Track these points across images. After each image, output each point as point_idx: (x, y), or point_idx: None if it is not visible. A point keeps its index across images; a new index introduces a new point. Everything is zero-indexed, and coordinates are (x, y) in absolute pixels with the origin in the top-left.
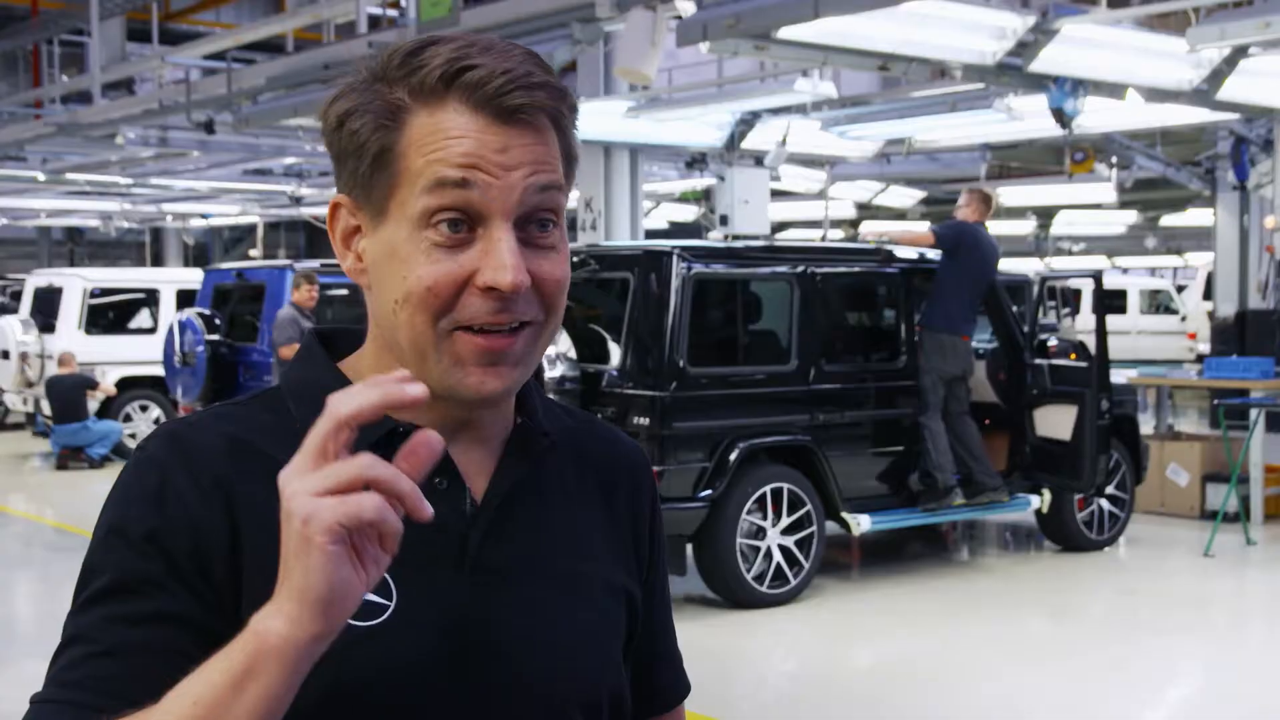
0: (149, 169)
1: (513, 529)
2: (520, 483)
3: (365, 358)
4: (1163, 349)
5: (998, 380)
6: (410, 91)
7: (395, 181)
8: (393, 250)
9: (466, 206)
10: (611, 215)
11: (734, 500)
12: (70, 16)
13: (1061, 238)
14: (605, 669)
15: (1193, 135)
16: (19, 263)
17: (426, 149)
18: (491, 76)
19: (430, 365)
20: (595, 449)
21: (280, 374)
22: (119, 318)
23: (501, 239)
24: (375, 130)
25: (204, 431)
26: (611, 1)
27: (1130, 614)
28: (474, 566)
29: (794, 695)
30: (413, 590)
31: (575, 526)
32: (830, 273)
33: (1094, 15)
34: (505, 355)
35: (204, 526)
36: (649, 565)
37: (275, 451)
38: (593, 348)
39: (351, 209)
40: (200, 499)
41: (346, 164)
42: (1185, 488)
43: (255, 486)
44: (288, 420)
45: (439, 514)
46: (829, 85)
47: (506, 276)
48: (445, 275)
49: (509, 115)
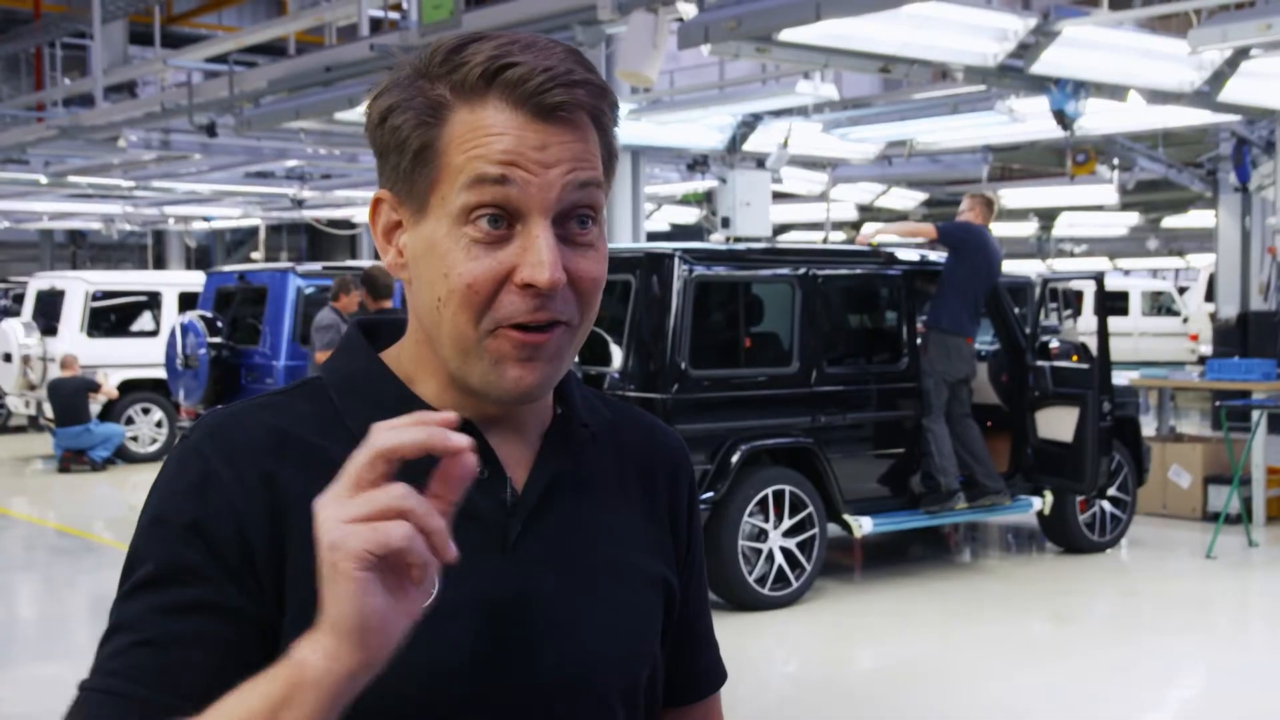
0: (151, 172)
1: (552, 519)
2: (560, 474)
3: (406, 349)
4: (1164, 351)
5: (999, 382)
6: (452, 88)
7: (436, 177)
8: (432, 245)
9: (505, 203)
10: (613, 217)
11: (736, 502)
12: (72, 19)
13: (1063, 239)
14: (644, 657)
15: (1194, 137)
16: (21, 265)
17: (467, 145)
18: (532, 74)
19: (471, 364)
20: (634, 439)
21: (322, 365)
22: (121, 320)
23: (540, 235)
24: (417, 126)
25: (247, 422)
26: (613, 4)
27: (1132, 615)
28: (514, 556)
29: (796, 697)
30: (454, 579)
31: (615, 517)
32: (832, 275)
33: (1095, 17)
34: (541, 350)
35: (247, 517)
36: (687, 554)
37: (319, 441)
38: (594, 350)
39: (393, 204)
40: (243, 490)
41: (389, 159)
42: (1187, 489)
43: (299, 477)
44: (330, 411)
45: (479, 504)
46: (830, 87)
47: (544, 274)
48: (485, 272)
49: (549, 113)
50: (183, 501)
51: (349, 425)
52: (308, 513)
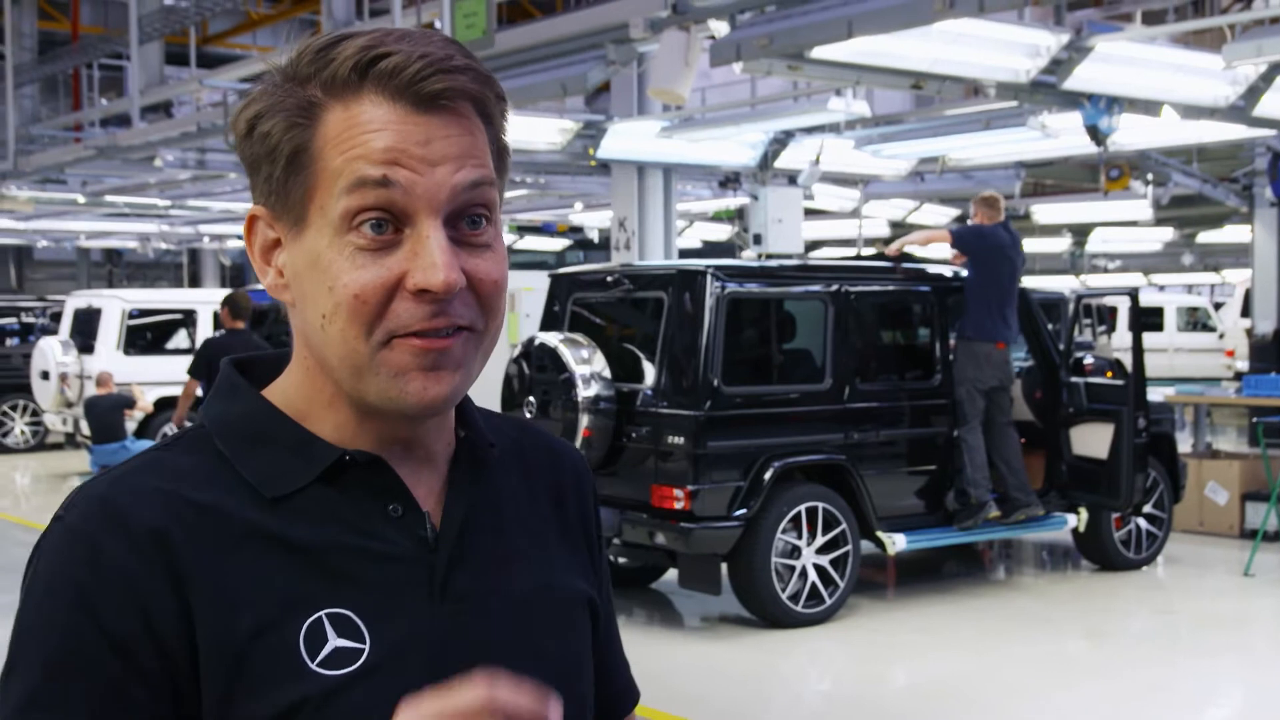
0: (187, 191)
1: (475, 551)
2: (476, 502)
3: (294, 382)
4: (1200, 367)
5: (1034, 398)
6: (323, 86)
7: (312, 184)
8: (315, 259)
9: (390, 205)
10: (645, 235)
11: (769, 519)
12: (109, 41)
13: (1097, 255)
14: (586, 684)
15: (1229, 151)
16: (59, 284)
17: (344, 146)
18: (408, 62)
19: (367, 380)
20: (537, 456)
21: (202, 411)
22: (157, 338)
23: (430, 237)
24: (288, 130)
25: (127, 489)
26: (645, 22)
27: (1169, 634)
28: (444, 596)
29: (829, 716)
30: (386, 629)
31: (534, 539)
32: (864, 291)
33: (1129, 32)
34: (446, 357)
35: (147, 593)
36: (599, 568)
37: (207, 498)
38: (627, 367)
39: (269, 220)
40: (138, 562)
41: (260, 171)
42: (1224, 506)
43: (192, 541)
44: (216, 462)
45: (399, 543)
46: (862, 104)
47: (438, 276)
48: (373, 280)
49: (429, 103)
50: (71, 593)
51: (244, 475)
52: (210, 580)
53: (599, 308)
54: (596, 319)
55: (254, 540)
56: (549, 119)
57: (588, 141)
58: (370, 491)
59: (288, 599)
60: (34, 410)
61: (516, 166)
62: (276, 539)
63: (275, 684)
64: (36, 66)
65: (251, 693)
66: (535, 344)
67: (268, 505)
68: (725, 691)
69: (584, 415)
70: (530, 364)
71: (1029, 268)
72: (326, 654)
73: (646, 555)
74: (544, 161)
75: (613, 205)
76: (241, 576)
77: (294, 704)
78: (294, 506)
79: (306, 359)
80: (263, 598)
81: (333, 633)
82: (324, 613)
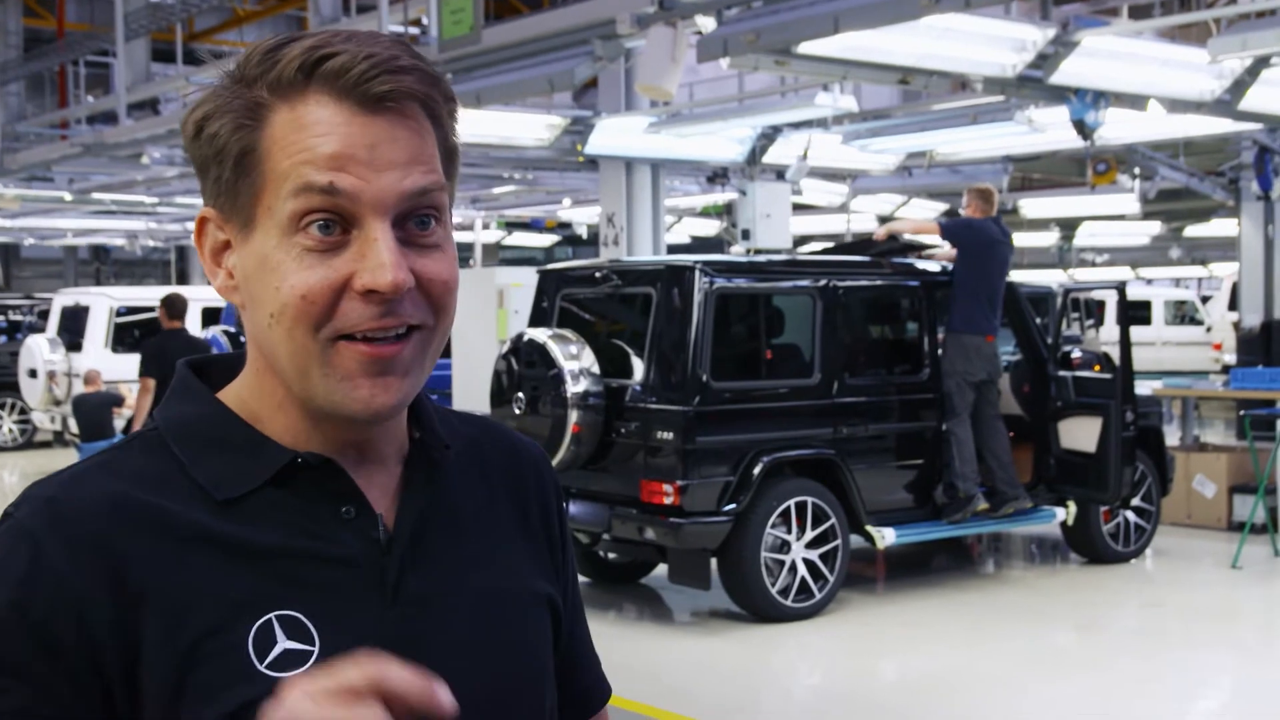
0: (174, 188)
1: (430, 552)
2: (430, 503)
3: (247, 385)
4: (1188, 360)
5: (1022, 392)
6: (269, 87)
7: (260, 185)
8: (263, 260)
9: (336, 209)
10: (633, 230)
11: (758, 514)
12: (96, 38)
13: (1085, 249)
14: (545, 684)
15: (1216, 145)
16: (46, 282)
17: (291, 148)
18: (354, 62)
19: (314, 381)
20: (496, 456)
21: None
22: (145, 336)
23: (378, 238)
24: (235, 131)
25: (78, 490)
26: (632, 18)
27: (1157, 627)
28: (397, 598)
29: (820, 709)
30: (336, 632)
31: (491, 540)
32: (852, 286)
33: (1115, 27)
34: (393, 364)
35: (86, 600)
36: (563, 566)
37: (158, 500)
38: (616, 363)
39: (218, 222)
40: (78, 568)
41: (209, 172)
42: (1212, 499)
43: (141, 544)
44: (169, 464)
45: (351, 546)
46: (850, 99)
47: (386, 276)
48: (320, 281)
49: (376, 104)
50: (6, 590)
51: (196, 478)
52: (157, 584)
53: (588, 304)
54: (585, 315)
55: (204, 543)
56: (537, 115)
57: (576, 137)
58: (322, 494)
59: (237, 601)
60: (22, 408)
61: (505, 162)
62: (227, 542)
63: (224, 686)
64: (22, 64)
65: (199, 695)
66: (524, 340)
67: (219, 508)
68: (715, 686)
69: (573, 411)
70: (519, 360)
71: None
72: (275, 656)
73: (636, 550)
74: (532, 157)
75: (601, 201)
76: (190, 581)
77: (241, 705)
78: (245, 509)
79: (258, 361)
80: (212, 601)
81: (282, 635)
82: (273, 615)
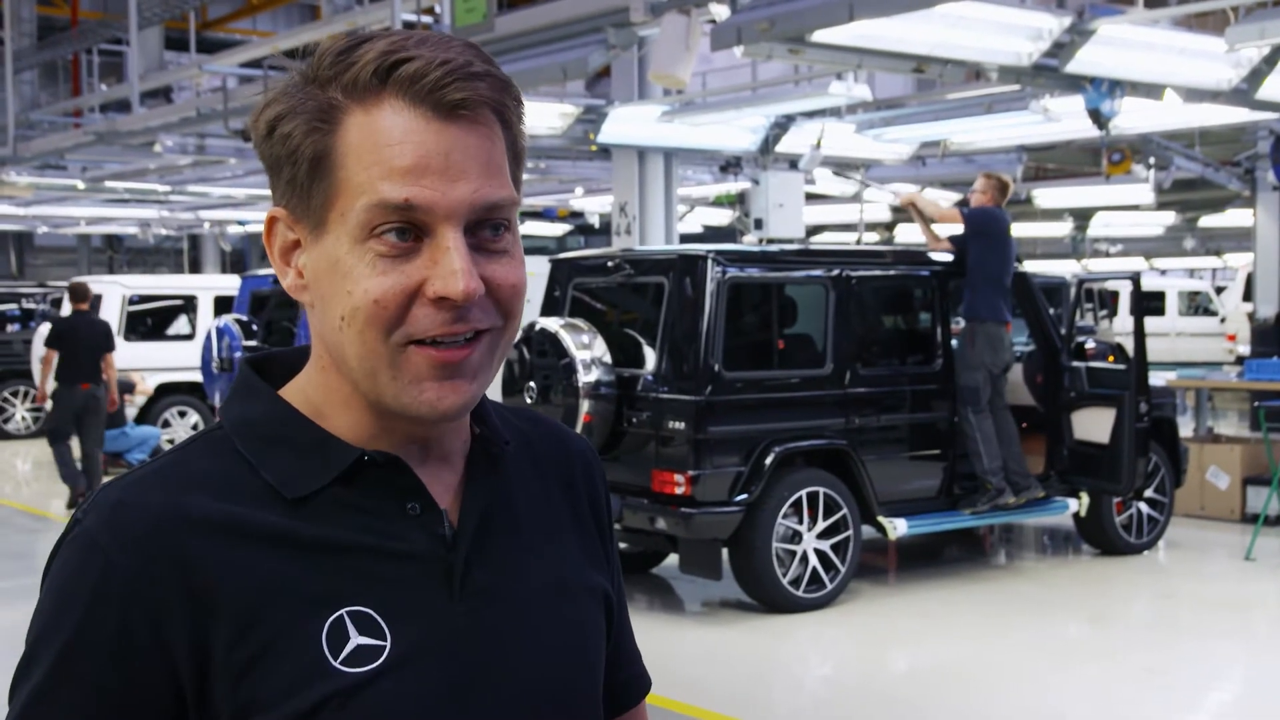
0: (187, 176)
1: (493, 548)
2: (491, 499)
3: (311, 381)
4: (1202, 351)
5: (1035, 383)
6: (344, 90)
7: (334, 192)
8: (335, 263)
9: (410, 220)
10: (646, 220)
11: (770, 504)
12: (109, 26)
13: (1099, 239)
14: (599, 677)
15: (1231, 135)
16: (59, 270)
17: (366, 158)
18: (429, 68)
19: (383, 383)
20: (548, 449)
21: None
22: (157, 324)
23: (451, 246)
24: (309, 134)
25: (144, 498)
26: (646, 6)
27: (1170, 618)
28: (463, 592)
29: (830, 700)
30: (406, 626)
31: (549, 534)
32: (865, 276)
33: (1131, 15)
34: (462, 368)
35: (160, 613)
36: (611, 557)
37: (224, 504)
38: (628, 352)
39: (289, 222)
40: (150, 582)
41: (281, 173)
42: (1225, 491)
43: (210, 550)
44: (234, 464)
45: (418, 542)
46: (864, 88)
47: (458, 284)
48: (393, 287)
49: (450, 111)
50: (80, 606)
51: (265, 477)
52: (227, 588)
53: (600, 293)
54: (597, 304)
55: (274, 543)
56: (549, 103)
57: (588, 126)
58: (389, 491)
59: (309, 599)
60: (35, 396)
61: None
62: (298, 540)
63: (299, 683)
64: (36, 52)
65: (274, 693)
66: (536, 329)
67: (288, 506)
68: (726, 676)
69: (585, 401)
70: (531, 349)
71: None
72: (349, 652)
73: (647, 540)
74: (544, 146)
75: (613, 190)
76: (261, 581)
77: (317, 702)
78: (314, 507)
79: (324, 359)
80: (284, 600)
81: (354, 630)
82: (345, 611)
